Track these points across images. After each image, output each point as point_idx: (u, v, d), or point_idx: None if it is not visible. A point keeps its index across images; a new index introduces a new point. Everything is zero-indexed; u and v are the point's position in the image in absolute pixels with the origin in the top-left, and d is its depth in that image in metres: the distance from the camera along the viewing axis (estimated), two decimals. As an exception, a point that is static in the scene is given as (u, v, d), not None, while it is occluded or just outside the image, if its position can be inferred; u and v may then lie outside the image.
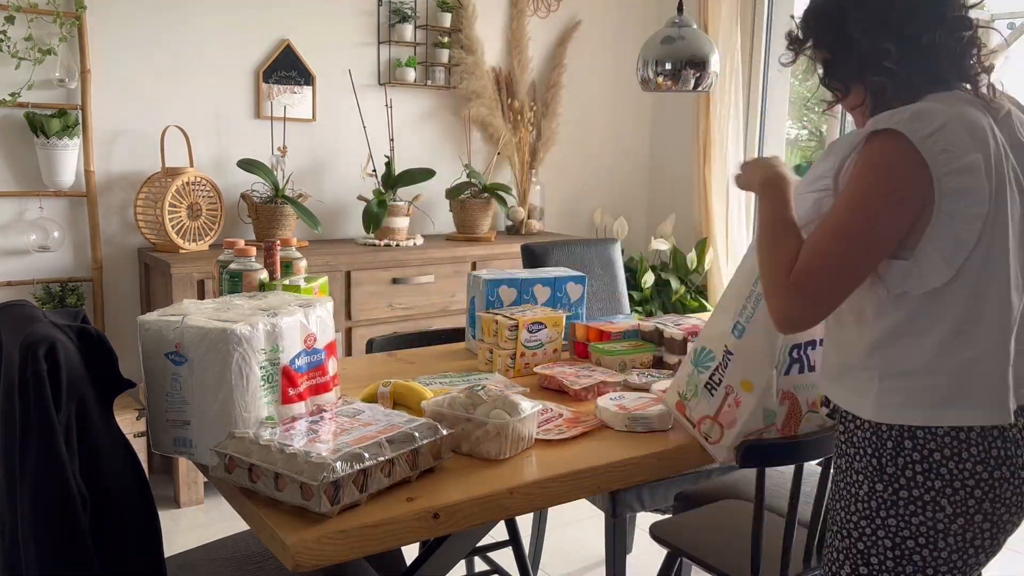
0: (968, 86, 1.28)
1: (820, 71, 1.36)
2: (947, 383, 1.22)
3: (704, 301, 4.02)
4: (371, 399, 1.60)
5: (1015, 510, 1.26)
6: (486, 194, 3.72)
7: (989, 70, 1.29)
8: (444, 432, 1.34)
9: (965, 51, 1.26)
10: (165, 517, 2.87)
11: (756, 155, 4.09)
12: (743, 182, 1.46)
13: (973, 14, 1.28)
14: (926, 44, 1.23)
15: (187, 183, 3.08)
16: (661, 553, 1.86)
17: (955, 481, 1.22)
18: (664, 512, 2.36)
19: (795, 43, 1.37)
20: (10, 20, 2.86)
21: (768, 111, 4.07)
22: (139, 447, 2.90)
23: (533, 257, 2.78)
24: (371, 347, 2.22)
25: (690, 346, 1.61)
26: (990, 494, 1.23)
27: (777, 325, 1.27)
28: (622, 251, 3.17)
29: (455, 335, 2.33)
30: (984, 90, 1.28)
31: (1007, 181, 1.21)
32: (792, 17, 1.39)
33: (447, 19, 3.76)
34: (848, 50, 1.28)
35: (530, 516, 2.66)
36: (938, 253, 1.18)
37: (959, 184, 1.15)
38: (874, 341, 1.26)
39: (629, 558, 2.58)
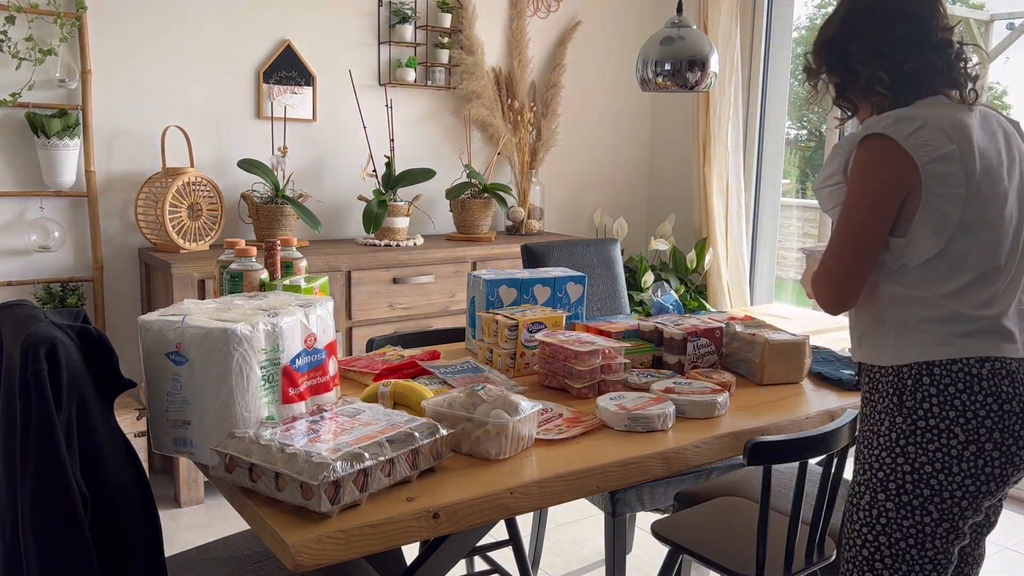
0: (956, 92, 1.49)
1: (832, 93, 1.59)
2: (956, 329, 1.42)
3: (704, 301, 4.02)
4: (371, 399, 1.60)
5: (1023, 443, 1.42)
6: (486, 194, 3.72)
7: (974, 79, 1.50)
8: (444, 432, 1.35)
9: (952, 65, 1.48)
10: (165, 517, 2.87)
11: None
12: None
13: (956, 31, 1.50)
14: (913, 68, 1.46)
15: (187, 183, 3.08)
16: (661, 553, 1.87)
17: (967, 411, 1.39)
18: (664, 512, 2.36)
19: (810, 72, 1.60)
20: (11, 20, 2.86)
21: (767, 111, 4.07)
22: (139, 447, 2.91)
23: (533, 257, 2.78)
24: (371, 347, 2.22)
25: None
26: (999, 424, 1.39)
27: (825, 308, 1.52)
28: (622, 251, 3.17)
29: (455, 335, 2.33)
30: (968, 95, 1.49)
31: (1004, 159, 1.45)
32: (805, 54, 1.62)
33: (447, 19, 3.76)
34: (853, 77, 1.52)
35: (530, 516, 2.66)
36: (928, 228, 1.40)
37: (940, 170, 1.38)
38: (886, 302, 1.47)
39: (629, 558, 2.59)
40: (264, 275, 1.81)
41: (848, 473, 1.85)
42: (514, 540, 2.17)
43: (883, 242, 1.45)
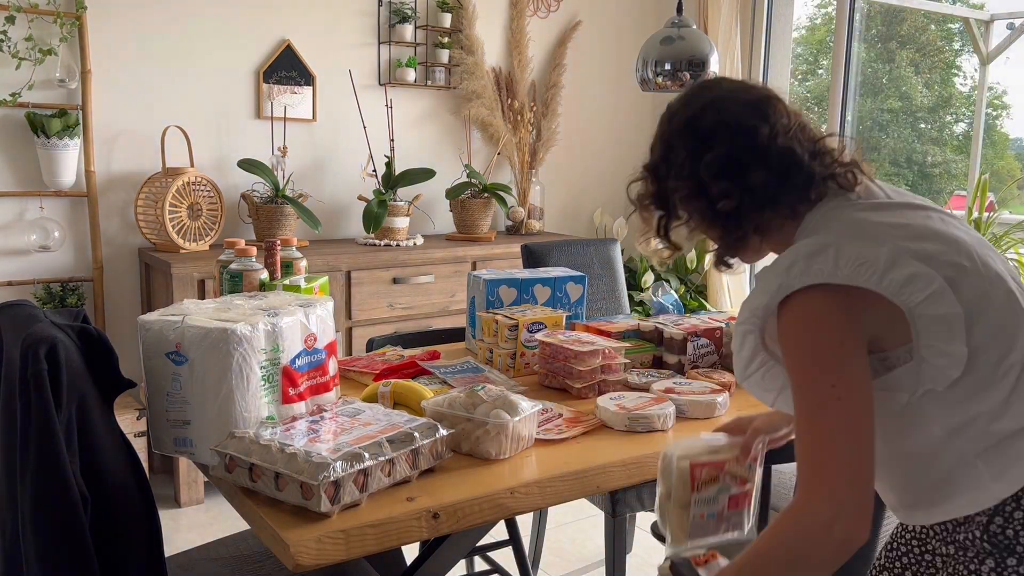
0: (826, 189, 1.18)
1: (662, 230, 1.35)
2: None
3: (704, 301, 4.02)
4: (371, 399, 1.60)
5: None
6: (486, 194, 3.72)
7: (850, 166, 1.19)
8: (444, 432, 1.35)
9: (812, 171, 1.17)
10: (165, 517, 2.87)
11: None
12: None
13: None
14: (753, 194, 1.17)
15: (187, 183, 3.08)
16: (661, 553, 1.86)
17: None
18: (664, 512, 2.36)
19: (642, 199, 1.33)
20: (10, 20, 2.86)
21: (768, 111, 4.06)
22: (139, 447, 2.91)
23: (533, 257, 2.78)
24: (371, 347, 2.22)
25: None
26: None
27: (842, 549, 1.01)
28: (622, 251, 3.17)
29: (455, 335, 2.33)
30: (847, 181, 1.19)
31: (942, 233, 1.14)
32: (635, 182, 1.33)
33: (447, 19, 3.76)
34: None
35: (530, 516, 2.66)
36: (939, 342, 1.06)
37: (900, 276, 1.06)
38: (947, 439, 1.10)
39: (629, 558, 2.59)
40: (264, 275, 1.81)
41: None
42: (514, 540, 2.17)
43: (872, 406, 1.06)
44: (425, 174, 3.56)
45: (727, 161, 1.17)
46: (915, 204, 1.19)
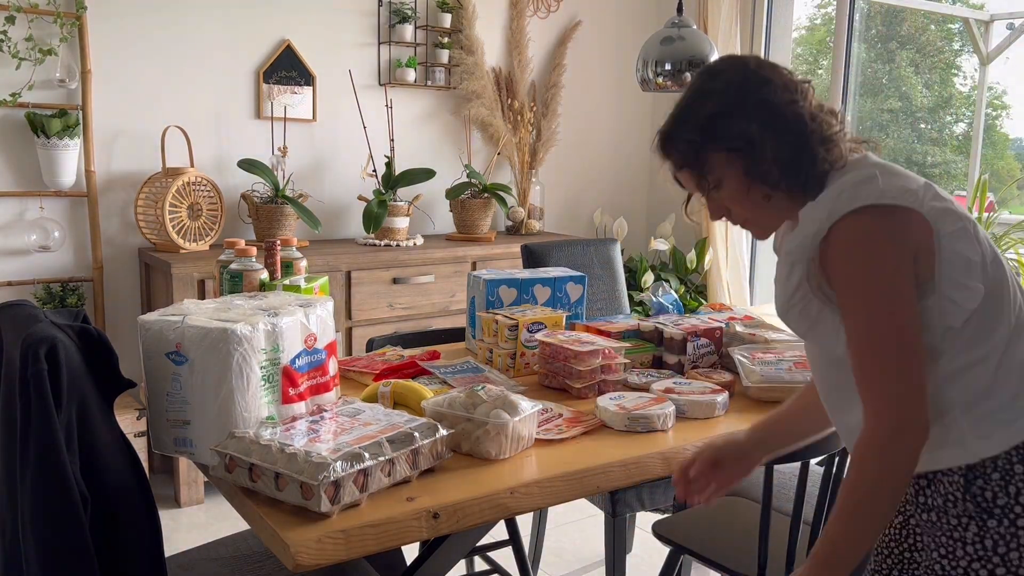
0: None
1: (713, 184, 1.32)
2: None
3: (704, 301, 4.02)
4: (371, 399, 1.60)
5: None
6: (486, 194, 3.72)
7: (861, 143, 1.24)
8: (444, 432, 1.35)
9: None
10: (165, 517, 2.87)
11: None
12: None
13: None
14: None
15: (187, 183, 3.08)
16: (661, 553, 1.87)
17: None
18: (664, 512, 2.36)
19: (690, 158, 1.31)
20: (10, 20, 2.86)
21: (768, 111, 4.06)
22: (139, 447, 2.91)
23: (533, 257, 2.78)
24: (371, 347, 2.22)
25: None
26: None
27: (914, 455, 1.10)
28: (622, 251, 3.17)
29: (455, 335, 2.33)
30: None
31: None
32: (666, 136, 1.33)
33: (447, 19, 3.76)
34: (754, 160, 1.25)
35: (530, 516, 2.66)
36: (959, 275, 1.12)
37: (938, 206, 1.14)
38: (942, 383, 1.15)
39: (629, 558, 2.59)
40: (264, 275, 1.81)
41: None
42: (514, 540, 2.17)
43: (921, 323, 1.13)
44: (425, 174, 3.56)
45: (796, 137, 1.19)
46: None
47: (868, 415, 1.11)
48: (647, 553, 2.75)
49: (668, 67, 2.58)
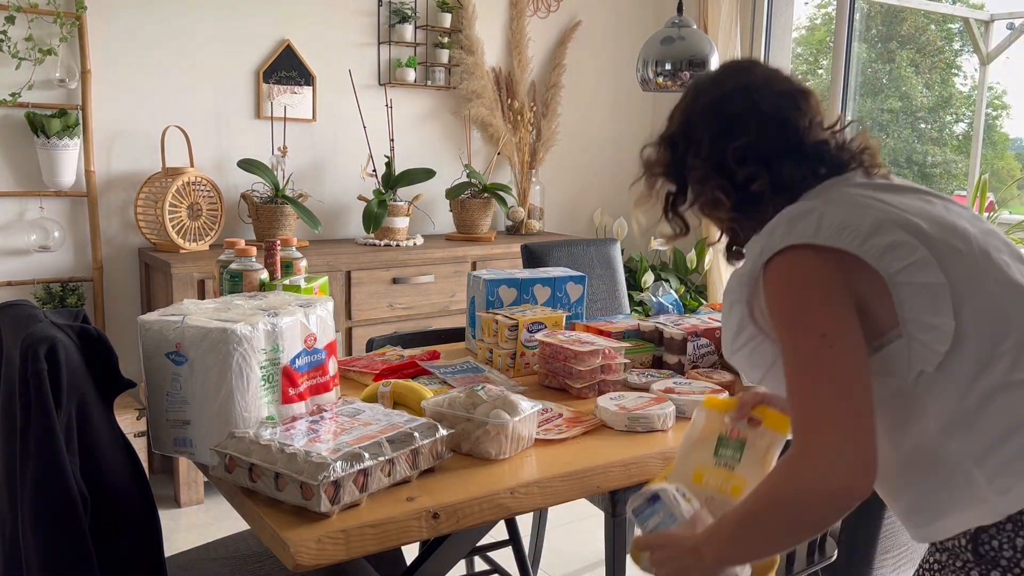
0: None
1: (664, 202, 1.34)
2: None
3: (704, 301, 4.02)
4: (371, 399, 1.60)
5: None
6: (486, 194, 3.72)
7: (862, 151, 1.20)
8: (444, 432, 1.35)
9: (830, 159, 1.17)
10: (165, 517, 2.87)
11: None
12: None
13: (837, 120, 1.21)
14: (765, 185, 1.16)
15: (187, 183, 3.08)
16: (661, 553, 1.86)
17: None
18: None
19: (650, 166, 1.30)
20: (10, 20, 2.86)
21: (768, 111, 4.06)
22: (139, 447, 2.91)
23: (533, 257, 2.78)
24: (371, 347, 2.22)
25: None
26: None
27: (843, 501, 0.97)
28: (622, 251, 3.17)
29: (455, 335, 2.33)
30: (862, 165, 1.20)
31: (937, 200, 1.15)
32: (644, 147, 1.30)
33: (447, 19, 3.76)
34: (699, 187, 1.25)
35: (530, 516, 2.66)
36: (922, 314, 1.02)
37: (883, 243, 1.04)
38: (939, 436, 1.05)
39: (629, 558, 2.58)
40: (264, 275, 1.81)
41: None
42: (514, 540, 2.17)
43: (866, 355, 1.02)
44: (425, 174, 3.56)
45: (755, 149, 1.15)
46: (918, 189, 1.19)
47: (796, 444, 1.01)
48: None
49: (668, 67, 2.58)
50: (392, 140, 3.65)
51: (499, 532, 2.22)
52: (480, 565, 2.40)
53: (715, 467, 1.25)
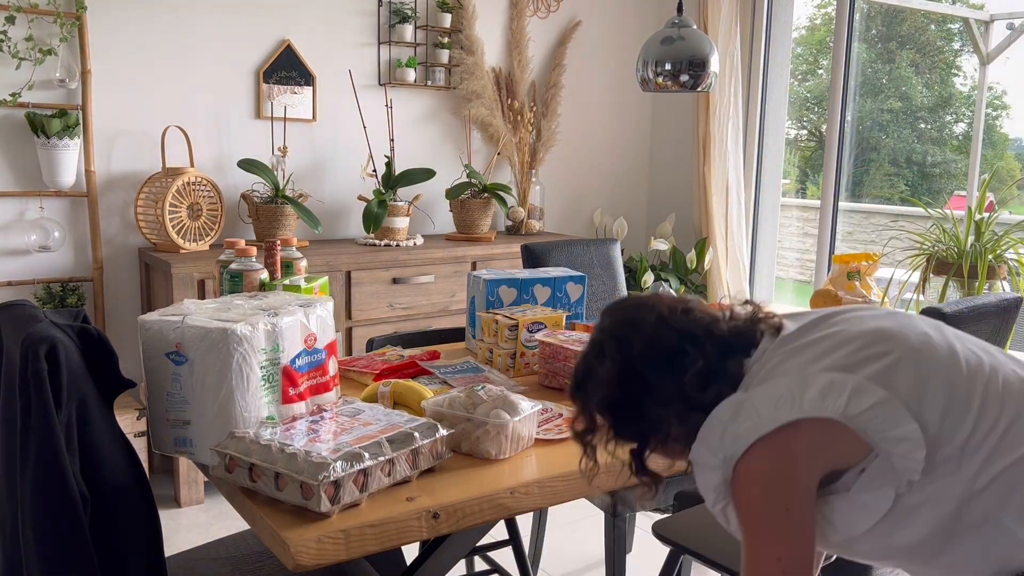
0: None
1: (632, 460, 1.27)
2: None
3: (703, 301, 4.02)
4: (371, 399, 1.60)
5: None
6: (486, 194, 3.72)
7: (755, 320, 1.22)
8: (444, 432, 1.35)
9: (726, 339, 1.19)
10: (165, 517, 2.87)
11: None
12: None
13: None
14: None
15: (187, 183, 3.08)
16: (660, 553, 1.86)
17: None
18: (664, 512, 2.36)
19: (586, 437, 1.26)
20: (10, 20, 2.86)
21: (767, 111, 4.07)
22: (139, 447, 2.91)
23: (533, 257, 2.78)
24: (371, 347, 2.22)
25: None
26: None
27: None
28: (622, 251, 3.17)
29: (455, 335, 2.33)
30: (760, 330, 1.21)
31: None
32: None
33: (447, 19, 3.76)
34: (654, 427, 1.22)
35: (530, 516, 2.66)
36: (888, 429, 1.04)
37: (815, 393, 1.06)
38: (958, 502, 1.06)
39: (629, 558, 2.59)
40: (264, 275, 1.81)
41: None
42: (514, 540, 2.17)
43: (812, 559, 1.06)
44: (425, 174, 3.56)
45: (705, 368, 1.15)
46: (819, 319, 1.20)
47: None
48: (647, 553, 2.75)
49: (668, 67, 2.58)
50: (392, 140, 3.65)
51: (499, 532, 2.22)
52: (480, 565, 2.40)
53: None
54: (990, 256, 2.83)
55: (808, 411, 1.05)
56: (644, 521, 2.87)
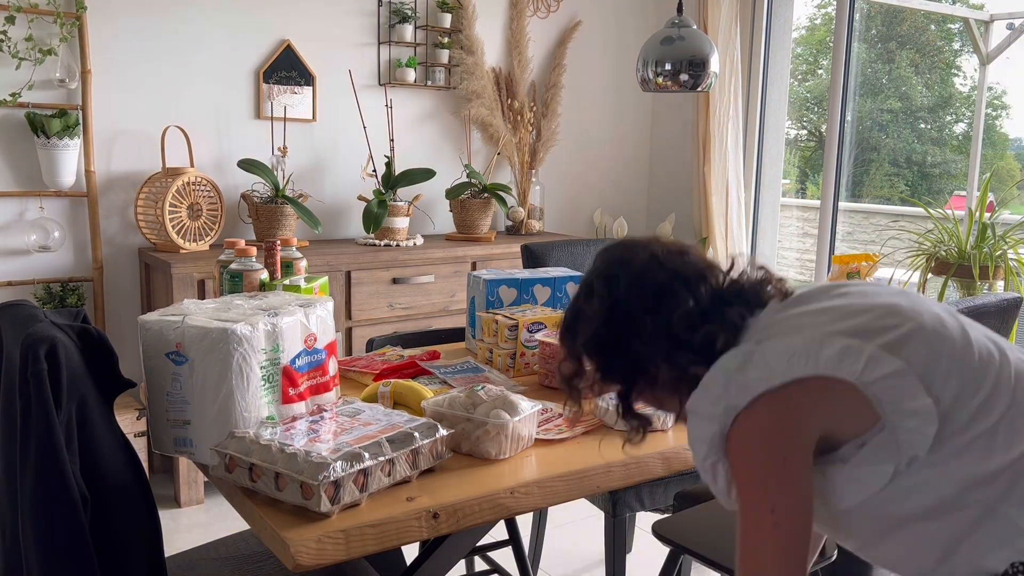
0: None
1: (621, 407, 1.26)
2: None
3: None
4: (371, 399, 1.60)
5: None
6: (486, 194, 3.72)
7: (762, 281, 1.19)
8: (444, 432, 1.35)
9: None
10: (165, 517, 2.87)
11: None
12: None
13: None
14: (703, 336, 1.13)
15: (187, 183, 3.08)
16: (660, 553, 1.86)
17: None
18: (664, 512, 2.36)
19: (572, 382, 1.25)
20: (10, 20, 2.86)
21: (767, 111, 4.07)
22: (139, 447, 2.91)
23: (533, 257, 2.78)
24: (371, 347, 2.22)
25: None
26: None
27: None
28: (622, 251, 3.16)
29: (455, 335, 2.33)
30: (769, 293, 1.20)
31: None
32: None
33: (447, 19, 3.76)
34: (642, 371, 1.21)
35: (530, 516, 2.66)
36: (902, 400, 1.02)
37: (832, 353, 1.04)
38: (960, 486, 1.04)
39: (629, 558, 2.59)
40: (264, 275, 1.81)
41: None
42: (514, 540, 2.17)
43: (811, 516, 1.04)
44: (425, 174, 3.56)
45: (696, 309, 1.14)
46: (828, 287, 1.19)
47: None
48: (647, 553, 2.75)
49: (668, 67, 2.58)
50: (392, 140, 3.65)
51: (499, 532, 2.22)
52: (480, 565, 2.40)
53: None
54: (993, 255, 2.83)
55: (823, 370, 1.03)
56: (644, 521, 2.87)
